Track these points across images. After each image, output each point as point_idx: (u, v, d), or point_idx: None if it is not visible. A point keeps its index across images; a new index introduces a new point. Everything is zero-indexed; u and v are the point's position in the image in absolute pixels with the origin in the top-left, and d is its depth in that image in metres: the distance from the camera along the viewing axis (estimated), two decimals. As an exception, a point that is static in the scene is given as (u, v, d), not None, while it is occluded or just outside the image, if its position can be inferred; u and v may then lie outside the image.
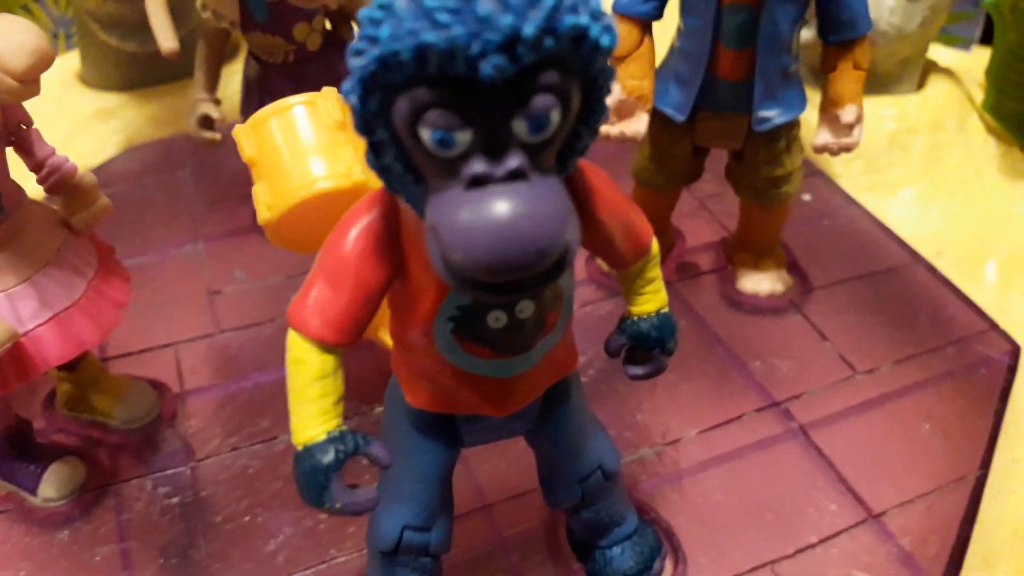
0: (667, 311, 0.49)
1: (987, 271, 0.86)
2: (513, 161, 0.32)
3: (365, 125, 0.33)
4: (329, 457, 0.40)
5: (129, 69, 1.09)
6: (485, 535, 0.61)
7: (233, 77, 0.97)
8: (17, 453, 0.63)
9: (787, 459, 0.66)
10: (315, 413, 0.40)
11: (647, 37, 0.68)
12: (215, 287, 0.83)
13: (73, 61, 1.14)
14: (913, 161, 0.99)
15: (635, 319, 0.48)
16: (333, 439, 0.40)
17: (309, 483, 0.40)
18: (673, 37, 0.72)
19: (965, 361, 0.75)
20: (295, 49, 0.81)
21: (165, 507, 0.63)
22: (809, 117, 0.73)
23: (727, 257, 0.86)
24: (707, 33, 0.67)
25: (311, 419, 0.40)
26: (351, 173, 0.58)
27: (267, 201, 0.59)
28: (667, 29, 0.71)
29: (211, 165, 0.98)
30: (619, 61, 0.67)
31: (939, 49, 1.14)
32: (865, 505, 0.63)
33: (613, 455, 0.54)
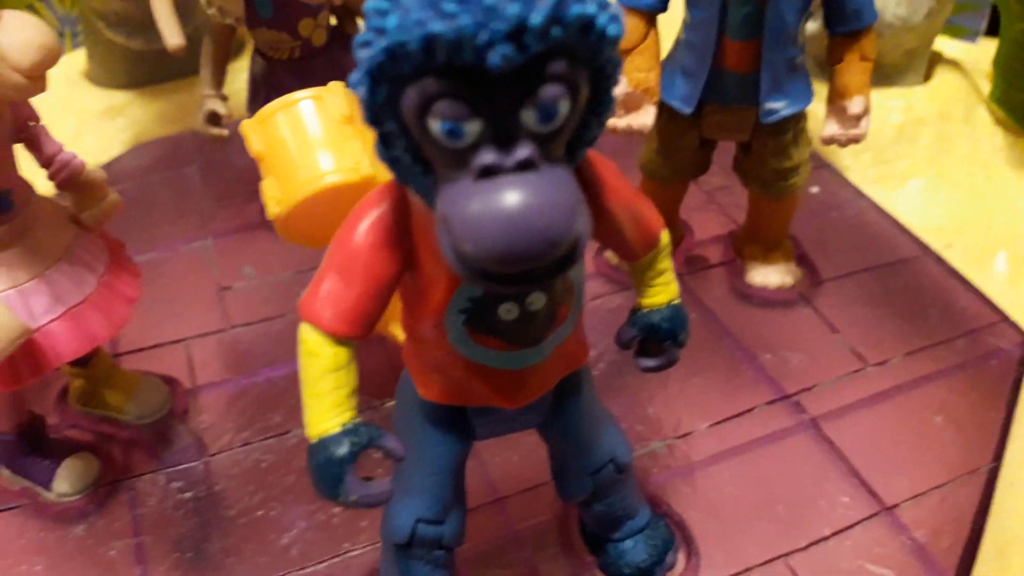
0: (678, 303, 0.49)
1: (997, 262, 0.85)
2: (523, 151, 0.31)
3: (374, 116, 0.33)
4: (344, 449, 0.40)
5: (135, 67, 1.09)
6: (498, 528, 0.61)
7: (239, 74, 0.97)
8: (31, 448, 0.64)
9: (799, 452, 0.66)
10: (329, 406, 0.40)
11: (652, 30, 0.68)
12: (224, 283, 0.83)
13: (79, 59, 1.14)
14: (921, 153, 0.98)
15: (646, 311, 0.48)
16: (347, 432, 0.40)
17: (324, 476, 0.40)
18: (679, 30, 0.71)
19: (976, 353, 0.75)
20: (300, 45, 0.81)
21: (179, 502, 0.63)
22: (816, 109, 0.72)
23: (736, 250, 0.85)
24: (713, 25, 0.67)
25: (325, 412, 0.40)
26: (359, 167, 0.58)
27: (276, 196, 0.59)
28: (672, 22, 0.70)
29: (219, 161, 0.99)
30: (625, 54, 0.67)
31: (945, 40, 1.13)
32: (878, 498, 0.63)
33: (625, 448, 0.54)
